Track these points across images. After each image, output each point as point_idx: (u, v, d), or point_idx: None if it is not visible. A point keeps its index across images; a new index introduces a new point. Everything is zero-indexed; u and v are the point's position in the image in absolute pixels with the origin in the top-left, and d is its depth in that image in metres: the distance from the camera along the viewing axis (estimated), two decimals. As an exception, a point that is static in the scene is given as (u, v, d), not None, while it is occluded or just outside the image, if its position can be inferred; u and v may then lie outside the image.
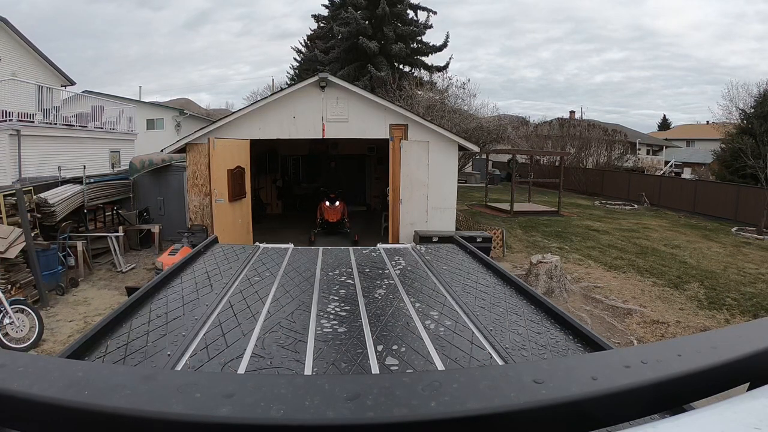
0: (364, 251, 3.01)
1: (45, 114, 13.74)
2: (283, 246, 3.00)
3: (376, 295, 2.28)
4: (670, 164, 32.11)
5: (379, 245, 3.12)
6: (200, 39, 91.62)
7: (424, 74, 24.49)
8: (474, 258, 3.11)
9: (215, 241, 3.07)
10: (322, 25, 28.02)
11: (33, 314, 6.22)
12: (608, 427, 0.43)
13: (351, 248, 3.02)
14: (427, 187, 10.43)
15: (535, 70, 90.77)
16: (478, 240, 7.99)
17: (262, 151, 14.02)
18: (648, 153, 35.78)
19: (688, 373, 0.43)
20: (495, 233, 11.17)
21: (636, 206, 20.23)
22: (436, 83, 22.99)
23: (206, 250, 2.83)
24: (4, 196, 7.67)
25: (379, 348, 1.70)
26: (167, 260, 7.07)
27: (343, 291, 2.29)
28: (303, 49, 31.04)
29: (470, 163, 25.79)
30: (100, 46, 78.92)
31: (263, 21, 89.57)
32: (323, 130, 10.02)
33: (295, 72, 32.07)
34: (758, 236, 14.05)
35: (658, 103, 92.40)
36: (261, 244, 3.00)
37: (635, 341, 6.81)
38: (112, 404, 0.37)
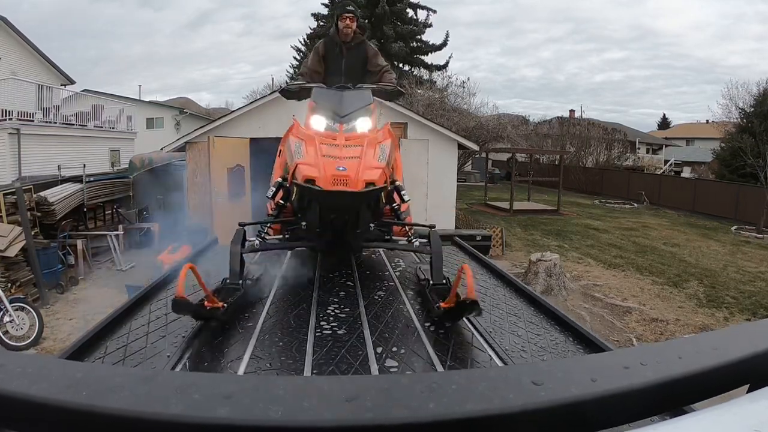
0: (364, 252, 3.01)
1: (45, 113, 13.73)
2: None
3: (376, 297, 2.28)
4: (669, 163, 32.11)
5: None
6: (201, 39, 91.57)
7: (424, 73, 24.51)
8: (474, 259, 3.12)
9: (215, 242, 3.08)
10: (322, 24, 27.98)
11: (33, 312, 6.22)
12: (607, 428, 0.43)
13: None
14: (427, 185, 10.44)
15: (536, 69, 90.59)
16: (478, 238, 7.94)
17: (263, 149, 13.99)
18: (648, 152, 35.77)
19: (688, 374, 0.43)
20: (494, 232, 11.18)
21: (635, 205, 20.23)
22: (435, 82, 23.00)
23: (206, 251, 2.83)
24: (4, 194, 7.67)
25: (379, 350, 1.71)
26: (167, 258, 7.08)
27: (343, 292, 2.29)
28: (303, 48, 30.97)
29: (470, 162, 25.81)
30: (102, 46, 78.78)
31: (264, 21, 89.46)
32: (323, 128, 9.99)
33: (294, 71, 32.04)
34: (757, 235, 14.06)
35: (658, 102, 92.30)
36: None
37: (634, 339, 6.82)
38: (111, 405, 0.37)
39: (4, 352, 5.38)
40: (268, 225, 2.52)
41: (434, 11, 24.50)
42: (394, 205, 2.56)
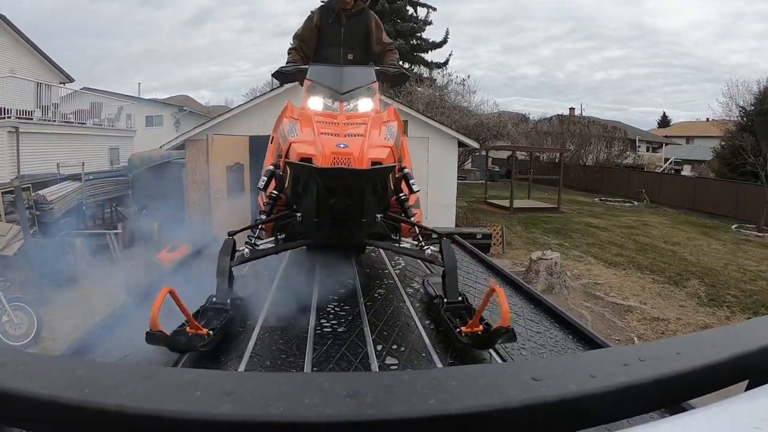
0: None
1: (43, 111, 13.72)
2: None
3: (376, 295, 2.29)
4: (669, 161, 32.12)
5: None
6: (202, 37, 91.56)
7: (424, 71, 24.47)
8: (473, 257, 3.12)
9: (214, 241, 3.08)
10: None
11: (31, 312, 6.22)
12: (607, 424, 0.43)
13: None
14: (427, 183, 10.44)
15: (536, 67, 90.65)
16: (478, 236, 7.92)
17: (262, 147, 14.00)
18: (648, 150, 35.73)
19: (687, 371, 0.43)
20: (495, 230, 11.18)
21: (636, 203, 20.24)
22: (435, 80, 22.97)
23: (205, 251, 2.83)
24: (3, 193, 7.68)
25: (379, 347, 1.72)
26: (166, 257, 7.07)
27: (343, 290, 2.30)
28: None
29: (470, 160, 25.80)
30: (103, 45, 78.60)
31: (265, 19, 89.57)
32: (323, 127, 10.00)
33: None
34: (758, 234, 14.07)
35: (658, 100, 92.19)
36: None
37: (635, 338, 6.83)
38: (112, 402, 0.37)
39: (5, 350, 5.37)
40: (260, 227, 2.16)
41: (434, 9, 24.46)
42: (402, 195, 2.22)
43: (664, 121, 51.52)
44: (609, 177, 24.36)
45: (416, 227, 2.22)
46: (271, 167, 2.19)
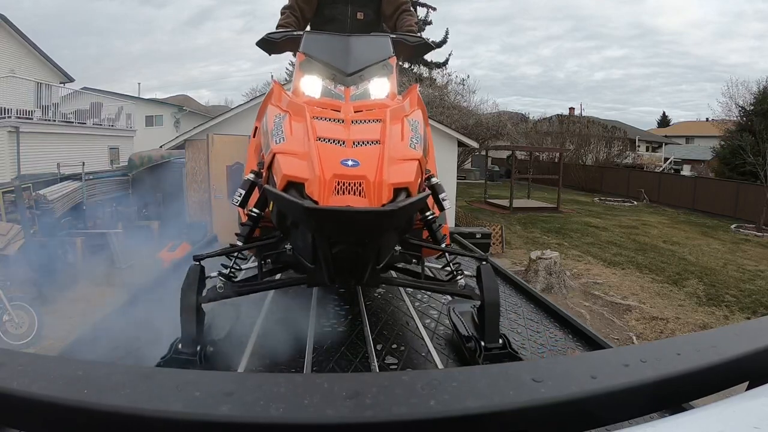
0: None
1: (44, 111, 13.72)
2: None
3: (376, 294, 2.29)
4: (669, 161, 32.11)
5: None
6: (202, 36, 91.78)
7: (424, 70, 24.46)
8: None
9: (215, 239, 3.08)
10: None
11: (32, 311, 6.22)
12: (607, 425, 0.43)
13: None
14: (427, 183, 10.45)
15: (536, 67, 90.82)
16: (477, 236, 7.93)
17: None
18: (647, 150, 35.71)
19: (688, 371, 0.43)
20: (494, 229, 11.18)
21: (635, 203, 20.25)
22: (435, 79, 22.97)
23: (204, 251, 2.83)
24: (4, 192, 7.68)
25: (379, 347, 1.72)
26: (166, 256, 7.08)
27: (343, 290, 2.30)
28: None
29: (469, 160, 25.81)
30: (103, 44, 78.70)
31: (265, 18, 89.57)
32: (322, 126, 9.99)
33: (294, 67, 31.94)
34: (757, 233, 14.07)
35: (658, 100, 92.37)
36: None
37: (634, 337, 6.83)
38: (111, 403, 0.37)
39: (4, 350, 5.36)
40: (236, 255, 1.62)
41: (434, 8, 24.45)
42: (429, 215, 1.60)
43: (664, 121, 51.51)
44: (608, 177, 24.37)
45: (447, 254, 1.67)
46: (251, 176, 1.64)
